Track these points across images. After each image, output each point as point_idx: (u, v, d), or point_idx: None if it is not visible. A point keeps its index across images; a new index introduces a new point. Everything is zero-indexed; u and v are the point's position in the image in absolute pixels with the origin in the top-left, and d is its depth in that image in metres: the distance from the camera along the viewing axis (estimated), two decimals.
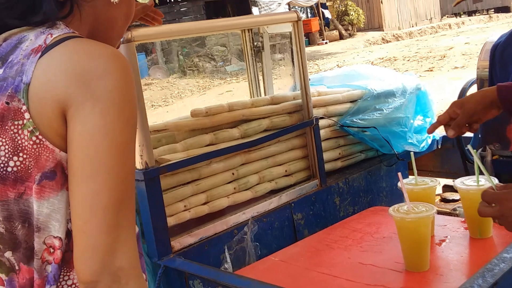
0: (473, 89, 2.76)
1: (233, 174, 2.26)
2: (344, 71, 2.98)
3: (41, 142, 0.90)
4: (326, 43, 22.45)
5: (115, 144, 0.87)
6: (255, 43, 2.61)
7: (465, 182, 1.90)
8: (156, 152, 2.03)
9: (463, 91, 2.76)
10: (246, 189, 2.30)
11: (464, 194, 1.89)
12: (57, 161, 0.90)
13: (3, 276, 0.95)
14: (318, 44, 22.20)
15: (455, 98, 2.80)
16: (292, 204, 2.37)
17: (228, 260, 2.09)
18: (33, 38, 0.94)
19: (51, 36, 0.93)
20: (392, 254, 1.86)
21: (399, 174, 1.78)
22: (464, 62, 11.81)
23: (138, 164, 1.92)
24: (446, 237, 1.95)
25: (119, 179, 0.87)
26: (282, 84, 2.94)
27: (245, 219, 2.21)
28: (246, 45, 2.62)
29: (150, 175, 1.92)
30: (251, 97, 2.68)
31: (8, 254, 0.95)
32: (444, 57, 12.97)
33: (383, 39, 21.42)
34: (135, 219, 0.92)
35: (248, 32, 2.59)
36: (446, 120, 1.72)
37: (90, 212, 0.86)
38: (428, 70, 11.47)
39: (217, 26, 2.11)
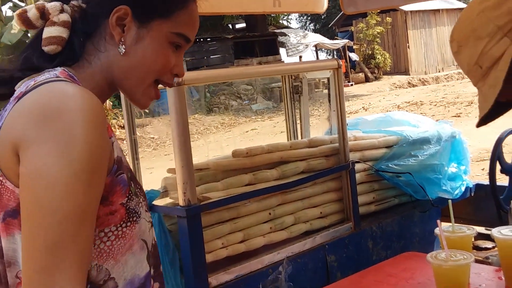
0: (510, 139, 2.79)
1: (269, 214, 2.30)
2: (379, 116, 3.04)
3: (2, 183, 0.93)
4: (351, 85, 22.59)
5: (50, 185, 0.85)
6: (295, 85, 2.69)
7: (502, 232, 1.91)
8: (198, 190, 2.09)
9: (499, 141, 2.78)
10: (281, 229, 2.34)
11: (501, 243, 1.90)
12: (18, 200, 0.91)
13: None
14: (344, 86, 22.32)
15: (483, 145, 2.85)
16: (326, 246, 2.40)
17: None
18: (23, 86, 0.98)
19: (34, 82, 0.95)
20: None
21: (438, 221, 1.81)
22: None
23: (181, 201, 1.98)
24: (481, 285, 1.96)
25: (54, 221, 0.84)
26: (317, 126, 3.01)
27: (280, 259, 2.24)
28: (286, 89, 2.70)
29: (191, 212, 1.98)
30: (288, 139, 2.74)
31: None
32: (472, 103, 12.94)
33: (409, 83, 21.47)
34: (83, 264, 0.87)
35: (288, 77, 2.67)
36: None
37: (26, 253, 0.86)
38: (455, 116, 11.44)
39: (262, 71, 2.20)
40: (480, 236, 2.96)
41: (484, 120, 1.12)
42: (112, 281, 0.95)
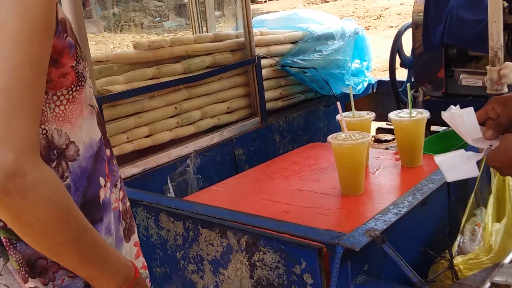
0: (408, 33, 2.88)
1: (176, 108, 2.28)
2: (285, 14, 3.02)
3: None
4: (265, 1, 22.31)
5: (6, 29, 0.82)
6: None
7: (398, 114, 2.01)
8: (98, 83, 2.02)
9: (399, 35, 2.87)
10: (188, 124, 2.33)
11: (398, 125, 1.99)
12: None
13: None
14: (257, 3, 22.01)
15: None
16: (234, 140, 2.43)
17: (171, 190, 2.13)
18: None
19: None
20: (329, 181, 1.95)
21: (338, 104, 1.85)
22: (399, 21, 12.08)
23: None
24: (380, 166, 2.06)
25: (9, 66, 0.82)
26: (224, 28, 2.96)
27: (188, 153, 2.25)
28: None
29: None
30: (193, 34, 2.68)
31: None
32: (380, 16, 13.23)
33: None
34: (37, 112, 0.86)
35: None
36: (483, 118, 1.36)
37: None
38: (364, 29, 11.68)
39: None
40: (380, 130, 3.11)
41: None
42: (73, 144, 0.95)
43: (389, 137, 2.97)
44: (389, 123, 2.11)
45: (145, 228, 1.86)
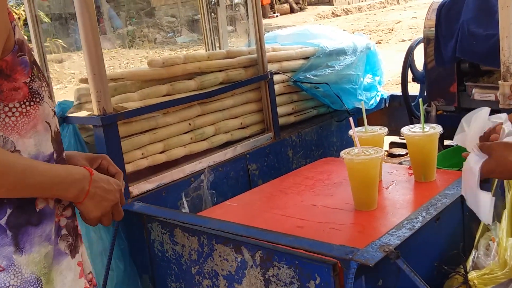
0: (420, 48, 2.89)
1: (189, 124, 2.30)
2: (297, 30, 3.05)
3: None
4: (277, 16, 22.43)
5: None
6: None
7: (411, 129, 2.01)
8: (113, 100, 2.04)
9: (410, 50, 2.88)
10: (202, 140, 2.35)
11: (410, 139, 2.00)
12: None
13: None
14: (269, 17, 22.17)
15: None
16: (247, 155, 2.44)
17: (186, 206, 2.14)
18: None
19: None
20: (342, 196, 1.96)
21: (351, 119, 1.86)
22: (411, 35, 12.09)
23: (96, 110, 1.94)
24: (393, 181, 2.07)
25: None
26: (237, 43, 2.99)
27: (202, 168, 2.27)
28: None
29: (107, 121, 1.94)
30: (206, 51, 2.71)
31: None
32: (392, 30, 13.25)
33: (333, 13, 21.58)
34: None
35: None
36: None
37: None
38: (376, 43, 11.67)
39: None
40: (394, 145, 3.11)
41: None
42: (18, 153, 1.03)
43: (402, 151, 2.96)
44: (402, 137, 2.12)
45: (160, 243, 1.88)
